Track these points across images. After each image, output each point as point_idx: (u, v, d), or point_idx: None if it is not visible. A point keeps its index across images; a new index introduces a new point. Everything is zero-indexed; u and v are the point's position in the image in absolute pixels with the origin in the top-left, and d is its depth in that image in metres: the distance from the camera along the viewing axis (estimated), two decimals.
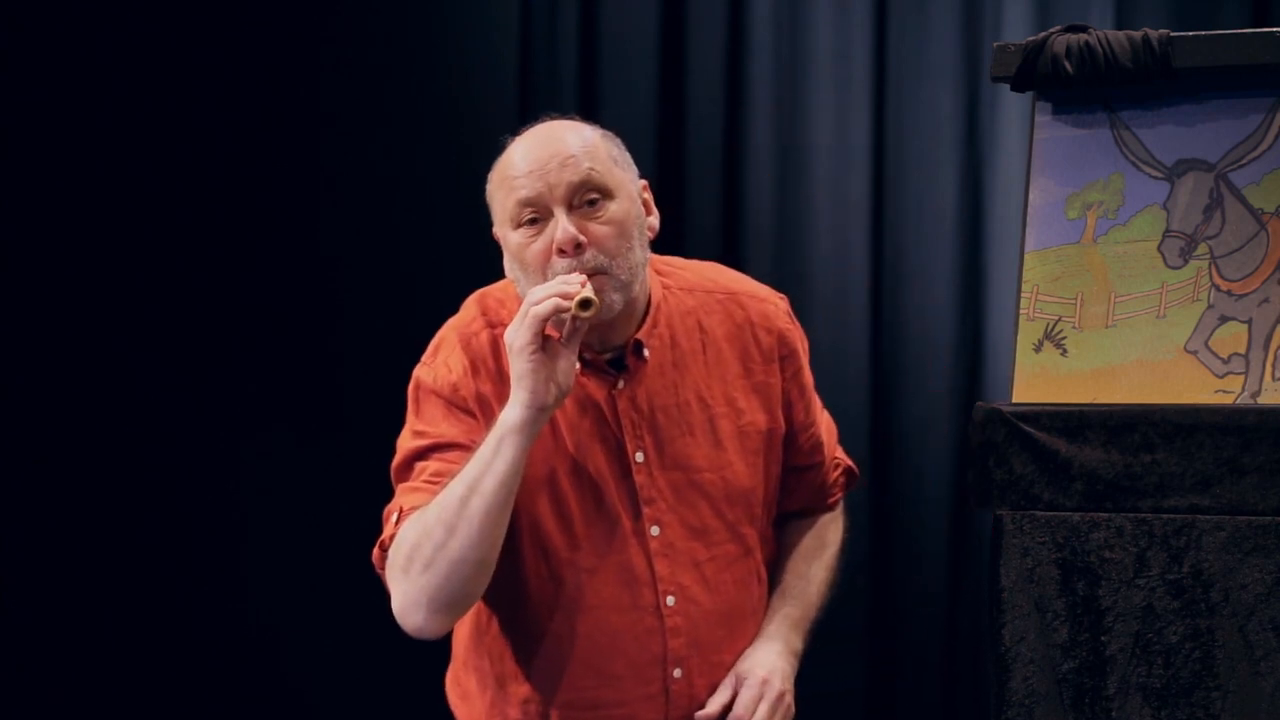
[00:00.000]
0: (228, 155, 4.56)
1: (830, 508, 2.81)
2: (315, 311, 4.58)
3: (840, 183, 4.46)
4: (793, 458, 2.71)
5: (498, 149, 2.61)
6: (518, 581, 2.57)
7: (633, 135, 4.43)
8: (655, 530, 2.57)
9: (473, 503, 2.42)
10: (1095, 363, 2.50)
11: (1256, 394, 2.43)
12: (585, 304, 2.41)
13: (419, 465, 2.55)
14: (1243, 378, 2.44)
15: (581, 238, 2.49)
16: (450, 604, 2.48)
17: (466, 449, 2.50)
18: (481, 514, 2.42)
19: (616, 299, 2.51)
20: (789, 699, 2.63)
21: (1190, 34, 2.49)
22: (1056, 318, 2.53)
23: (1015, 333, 2.55)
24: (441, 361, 2.60)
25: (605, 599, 2.56)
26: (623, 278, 2.52)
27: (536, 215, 2.52)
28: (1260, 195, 2.47)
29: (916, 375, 4.44)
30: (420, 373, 2.62)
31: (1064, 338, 2.52)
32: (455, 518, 2.42)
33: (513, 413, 2.42)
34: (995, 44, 2.62)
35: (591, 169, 2.53)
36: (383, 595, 2.55)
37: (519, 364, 2.41)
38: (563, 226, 2.49)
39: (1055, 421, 2.40)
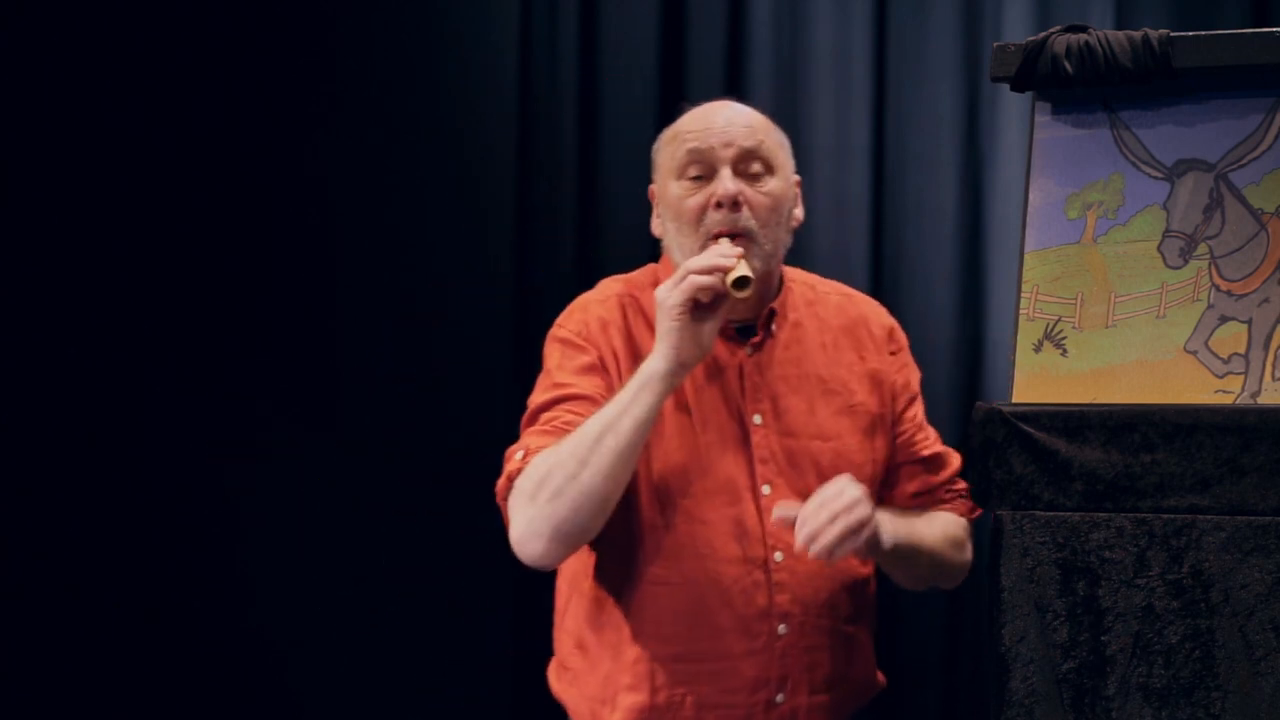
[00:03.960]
0: (227, 156, 4.55)
1: (947, 501, 2.84)
2: (315, 313, 4.58)
3: (840, 182, 4.45)
4: (899, 452, 2.81)
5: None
6: (635, 526, 2.67)
7: (633, 136, 4.45)
8: (767, 489, 2.67)
9: (607, 440, 2.53)
10: (1095, 363, 2.50)
11: (1256, 394, 2.43)
12: (742, 282, 2.54)
13: (547, 415, 2.67)
14: (1243, 378, 2.44)
15: (741, 196, 2.65)
16: (570, 534, 2.57)
17: (596, 403, 2.62)
18: (614, 452, 2.53)
19: (757, 266, 2.66)
20: (869, 524, 2.56)
21: (1190, 34, 2.50)
22: (1056, 318, 2.53)
23: (1015, 333, 2.55)
24: (578, 320, 2.73)
25: (716, 549, 2.65)
26: (767, 248, 2.69)
27: (702, 172, 2.69)
28: (1260, 195, 2.47)
29: None
30: (557, 332, 2.75)
31: (1064, 338, 2.52)
32: (589, 453, 2.53)
33: (655, 364, 2.56)
34: (995, 44, 2.63)
35: (762, 141, 2.72)
36: (382, 596, 2.55)
37: (666, 321, 2.54)
38: (727, 179, 2.66)
39: (1055, 421, 2.40)
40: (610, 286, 2.79)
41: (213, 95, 4.54)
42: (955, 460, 2.86)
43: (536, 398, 2.71)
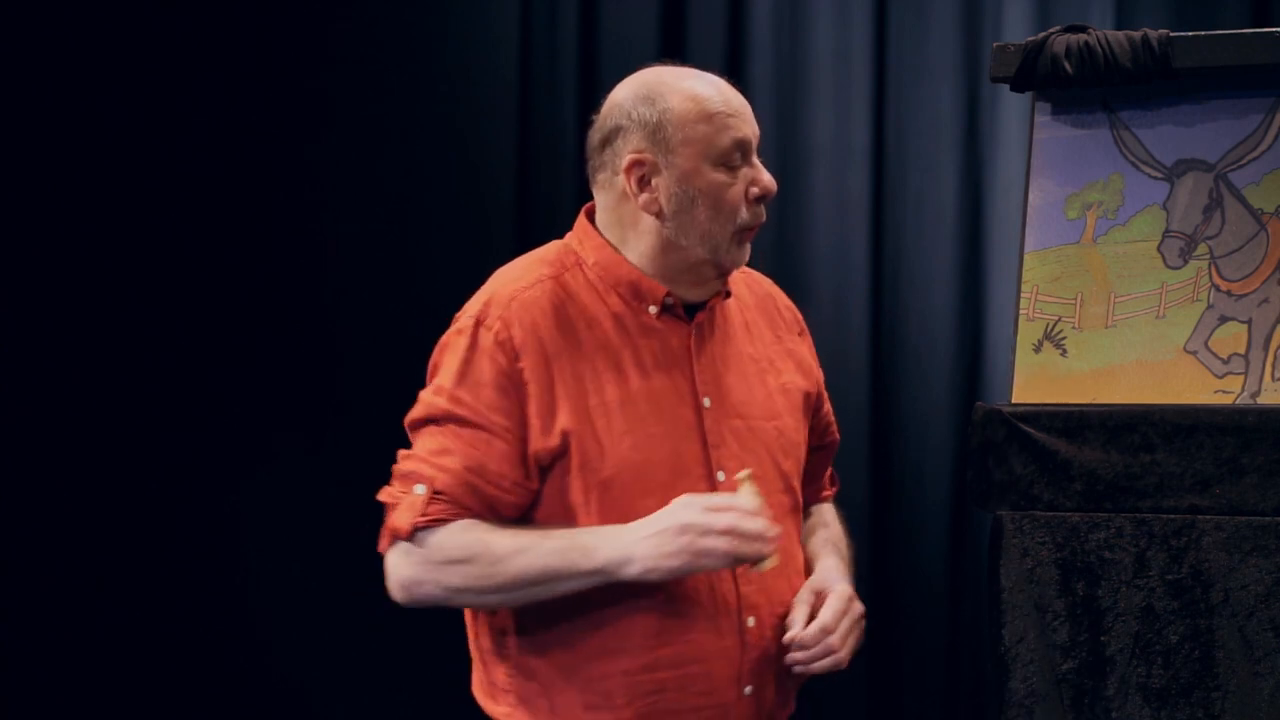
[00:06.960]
0: (228, 156, 4.56)
1: (825, 500, 2.82)
2: (316, 313, 4.58)
3: (840, 183, 4.46)
4: (811, 435, 2.72)
5: (634, 65, 2.63)
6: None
7: None
8: (721, 475, 2.55)
9: (534, 590, 2.45)
10: (1095, 363, 2.51)
11: (1256, 394, 2.43)
12: (759, 565, 2.44)
13: (432, 428, 2.53)
14: (1242, 378, 2.44)
15: None
16: (447, 607, 2.52)
17: (502, 440, 2.48)
18: (533, 598, 2.46)
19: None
20: (862, 625, 2.60)
21: (1190, 34, 2.50)
22: (1056, 318, 2.53)
23: (1015, 333, 2.55)
24: (498, 317, 2.53)
25: None
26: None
27: (741, 161, 2.51)
28: (1260, 195, 2.47)
29: (916, 375, 4.44)
30: (479, 333, 2.54)
31: (1064, 338, 2.53)
32: (510, 584, 2.46)
33: (627, 566, 2.43)
34: (995, 44, 2.63)
35: None
36: (382, 597, 2.53)
37: (683, 555, 2.42)
38: (766, 173, 2.51)
39: (1055, 421, 2.40)
40: (537, 270, 2.58)
41: (212, 95, 4.54)
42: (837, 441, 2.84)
43: (435, 399, 2.54)
